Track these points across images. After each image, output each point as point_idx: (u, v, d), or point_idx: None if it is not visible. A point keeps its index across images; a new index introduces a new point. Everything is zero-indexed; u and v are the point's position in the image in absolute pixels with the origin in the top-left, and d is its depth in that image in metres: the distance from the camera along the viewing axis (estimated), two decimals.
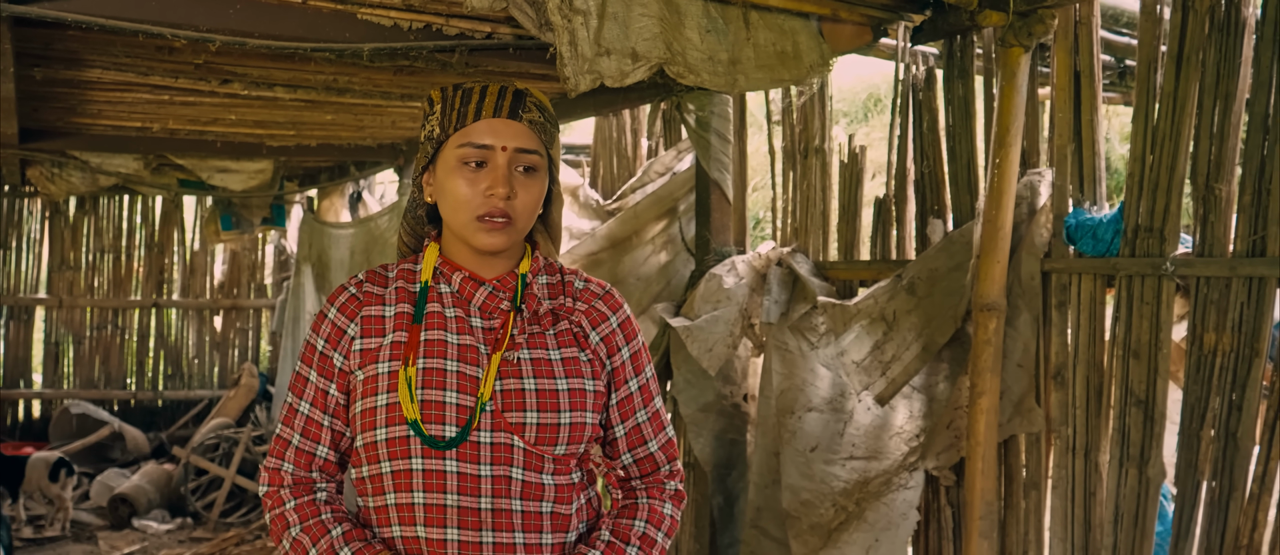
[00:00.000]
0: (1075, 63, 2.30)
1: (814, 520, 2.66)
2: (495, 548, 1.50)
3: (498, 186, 1.49)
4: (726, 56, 2.38)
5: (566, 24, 2.14)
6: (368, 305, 1.59)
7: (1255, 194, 1.98)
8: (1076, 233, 2.26)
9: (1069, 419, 2.31)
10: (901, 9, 2.50)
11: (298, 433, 1.59)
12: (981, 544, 2.34)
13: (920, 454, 2.57)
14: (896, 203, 2.77)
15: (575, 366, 1.56)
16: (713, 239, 3.23)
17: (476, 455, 1.49)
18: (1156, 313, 2.14)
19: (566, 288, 1.65)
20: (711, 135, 3.18)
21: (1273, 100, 1.95)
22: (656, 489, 1.66)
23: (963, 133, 2.56)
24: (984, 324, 2.31)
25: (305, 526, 1.55)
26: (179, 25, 2.44)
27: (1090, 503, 2.27)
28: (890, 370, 2.59)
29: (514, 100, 1.51)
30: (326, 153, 5.28)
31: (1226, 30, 2.03)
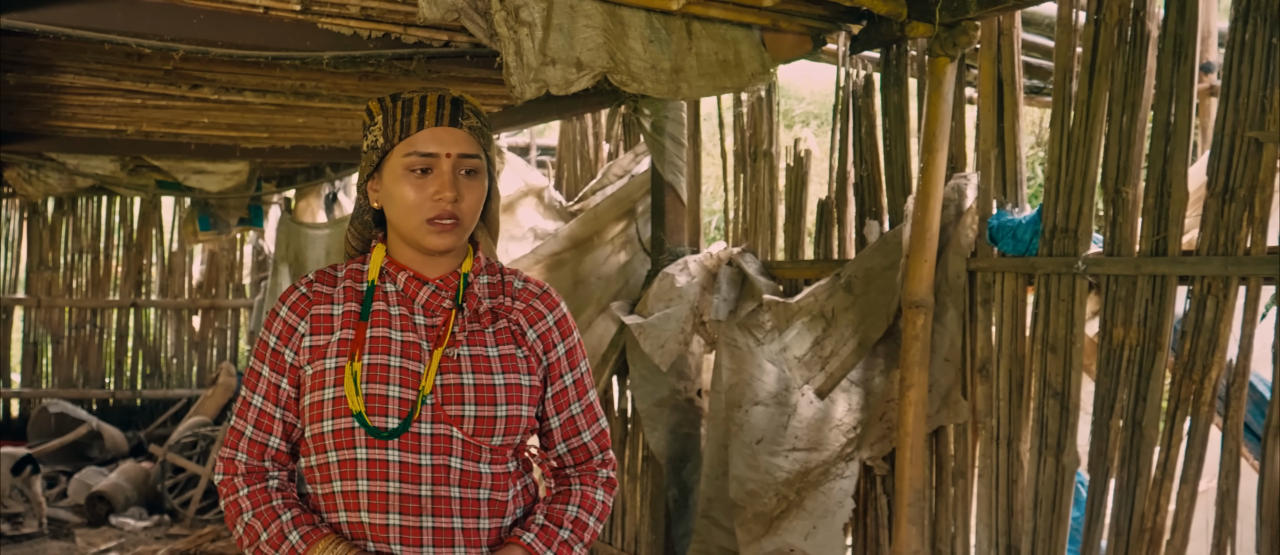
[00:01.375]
0: (998, 71, 2.42)
1: (758, 509, 2.77)
2: (434, 532, 1.61)
3: (444, 191, 1.60)
4: (669, 65, 2.49)
5: (512, 35, 2.25)
6: (317, 304, 1.70)
7: (1158, 197, 2.11)
8: (998, 233, 2.39)
9: (993, 410, 2.43)
10: (839, 20, 2.62)
11: (251, 424, 1.69)
12: (910, 529, 2.46)
13: (856, 445, 2.69)
14: (837, 205, 2.89)
15: (512, 362, 1.67)
16: (667, 239, 3.34)
17: (417, 445, 1.60)
18: (1071, 309, 2.27)
19: (506, 287, 1.76)
20: (666, 139, 3.30)
21: (1172, 109, 2.08)
22: (589, 476, 1.77)
23: (898, 138, 2.68)
24: (913, 320, 2.43)
25: (257, 512, 1.65)
26: (144, 34, 2.54)
27: (1012, 490, 2.39)
28: (829, 365, 2.71)
29: (453, 108, 1.62)
30: (301, 154, 5.37)
31: (1133, 43, 2.15)
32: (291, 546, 1.61)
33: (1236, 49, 1.97)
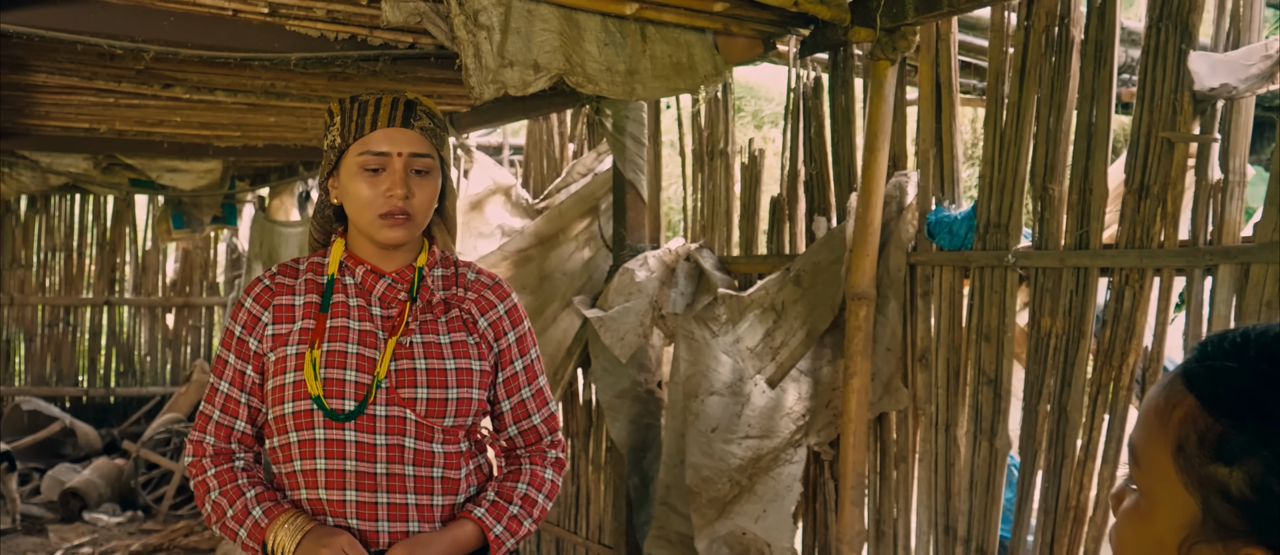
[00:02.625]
0: (937, 74, 2.54)
1: (712, 494, 2.88)
2: (390, 507, 1.72)
3: (396, 188, 1.71)
4: (624, 67, 2.59)
5: (471, 38, 2.35)
6: (279, 295, 1.81)
7: (1081, 194, 2.23)
8: (936, 229, 2.51)
9: (932, 397, 2.55)
10: (788, 25, 2.74)
11: (218, 409, 1.80)
12: (854, 511, 2.57)
13: (805, 432, 2.80)
14: (789, 202, 3.00)
15: (463, 348, 1.78)
16: (629, 236, 3.45)
17: (373, 426, 1.71)
18: (1003, 300, 2.39)
19: (459, 279, 1.87)
20: (627, 138, 3.40)
21: (1093, 111, 2.20)
22: (539, 456, 1.88)
23: (844, 137, 2.80)
24: (856, 312, 2.55)
25: (223, 490, 1.76)
26: (116, 36, 2.62)
27: (950, 473, 2.51)
28: (779, 355, 2.83)
29: (406, 110, 1.73)
30: (274, 153, 5.44)
31: (1059, 48, 2.28)
32: (254, 521, 1.71)
33: (1150, 54, 2.10)
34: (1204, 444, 0.66)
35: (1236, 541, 0.65)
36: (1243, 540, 0.64)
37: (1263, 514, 0.63)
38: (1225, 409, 0.66)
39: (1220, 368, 0.67)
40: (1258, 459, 0.63)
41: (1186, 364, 0.70)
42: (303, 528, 1.67)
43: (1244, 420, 0.65)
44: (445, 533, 1.72)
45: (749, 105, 8.45)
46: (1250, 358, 0.66)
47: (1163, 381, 0.72)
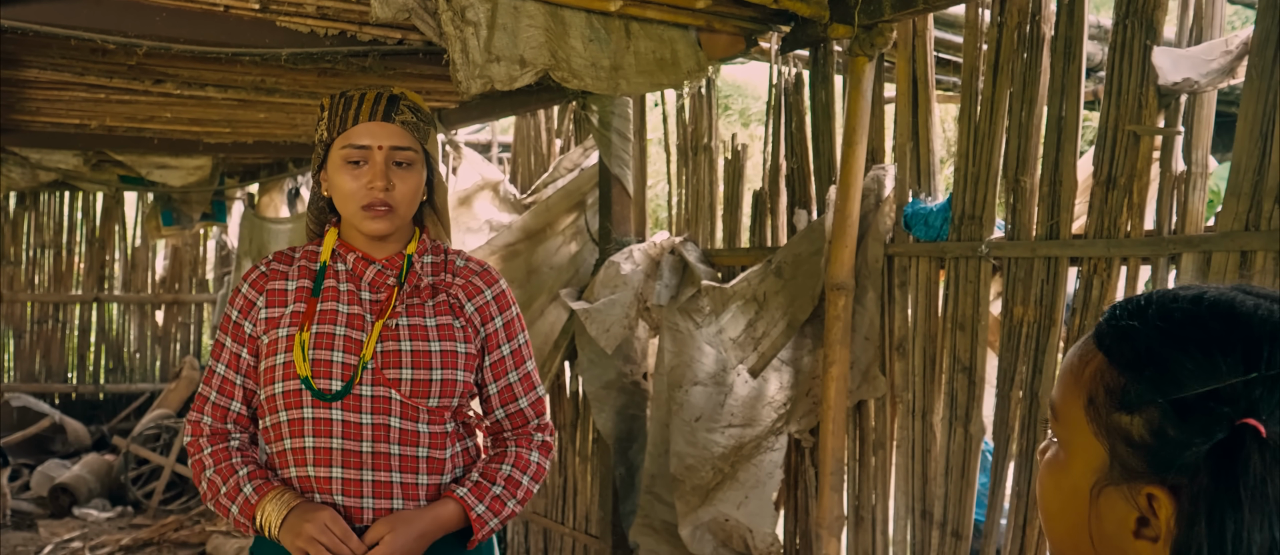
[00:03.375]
0: (913, 70, 2.60)
1: (696, 482, 2.94)
2: (374, 484, 1.78)
3: (376, 180, 1.76)
4: (608, 63, 2.65)
5: (459, 33, 2.40)
6: (273, 280, 1.87)
7: (1051, 186, 2.30)
8: (913, 221, 2.57)
9: (909, 385, 2.62)
10: (769, 21, 2.80)
11: (215, 390, 1.86)
12: (833, 497, 2.64)
13: (786, 420, 2.87)
14: (770, 195, 3.07)
15: (449, 332, 1.84)
16: (614, 230, 3.51)
17: (359, 406, 1.76)
18: (977, 290, 2.46)
19: (448, 266, 1.93)
20: (613, 134, 3.46)
21: (1063, 105, 2.27)
22: (525, 439, 1.94)
23: (824, 132, 2.86)
24: (834, 302, 2.61)
25: (217, 468, 1.82)
26: (108, 31, 2.67)
27: (926, 459, 2.58)
28: (761, 346, 2.89)
29: (388, 105, 1.78)
30: (264, 149, 5.48)
31: (1031, 44, 2.34)
32: (245, 498, 1.77)
33: (1117, 50, 2.17)
34: (1110, 396, 0.73)
35: (1139, 482, 0.71)
36: (1144, 481, 0.70)
37: (1160, 455, 0.69)
38: (1127, 364, 0.72)
39: (1124, 327, 0.74)
40: (1155, 406, 0.69)
41: (1098, 326, 0.77)
42: (289, 504, 1.73)
43: (1142, 373, 0.71)
44: (427, 511, 1.77)
45: (737, 103, 8.52)
46: (1149, 317, 0.73)
47: (1078, 343, 0.78)
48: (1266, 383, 0.66)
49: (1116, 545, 0.73)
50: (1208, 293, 0.72)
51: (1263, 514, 0.63)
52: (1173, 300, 0.73)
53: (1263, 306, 0.70)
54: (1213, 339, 0.69)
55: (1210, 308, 0.71)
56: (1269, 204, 1.92)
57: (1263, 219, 1.93)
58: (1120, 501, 0.72)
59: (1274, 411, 0.66)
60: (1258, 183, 1.93)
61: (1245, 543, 0.63)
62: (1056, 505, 0.79)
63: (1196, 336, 0.69)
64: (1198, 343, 0.69)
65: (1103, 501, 0.73)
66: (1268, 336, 0.68)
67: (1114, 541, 0.74)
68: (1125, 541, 0.73)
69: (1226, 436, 0.66)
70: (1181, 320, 0.71)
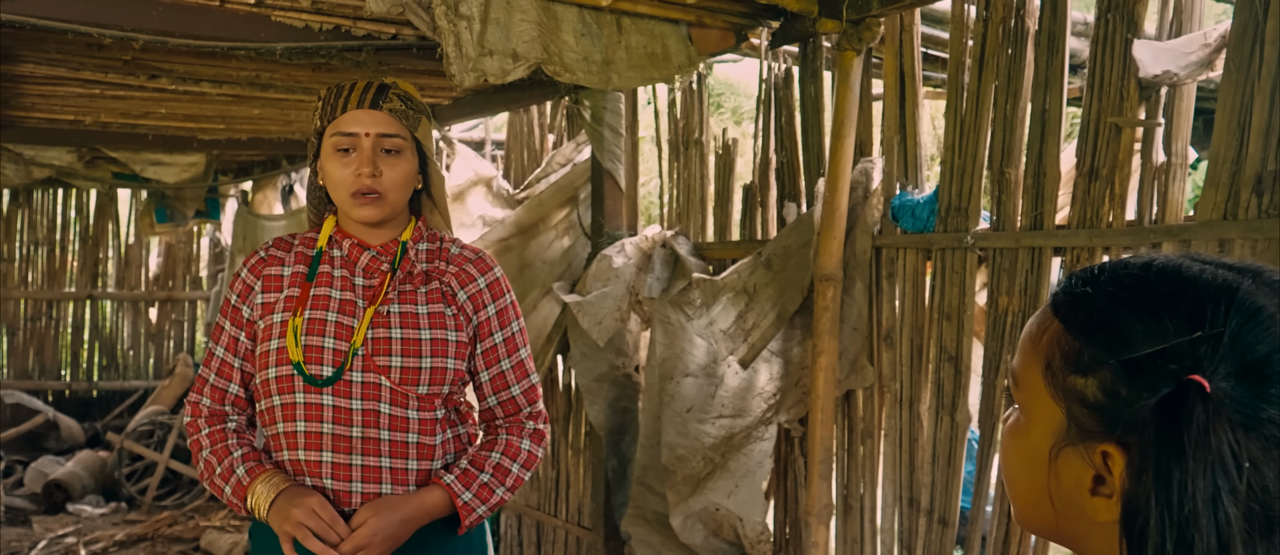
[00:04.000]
0: (901, 65, 2.64)
1: (687, 472, 2.98)
2: (364, 469, 1.80)
3: (364, 167, 1.79)
4: (600, 57, 2.68)
5: (452, 27, 2.43)
6: (270, 266, 1.90)
7: (1035, 177, 2.34)
8: (900, 213, 2.61)
9: (897, 375, 2.66)
10: (759, 17, 2.84)
11: (214, 373, 1.90)
12: (822, 485, 2.67)
13: (775, 410, 2.90)
14: (761, 188, 3.10)
15: (440, 319, 1.86)
16: (606, 224, 3.54)
17: (349, 391, 1.79)
18: (963, 280, 2.49)
19: (443, 253, 1.95)
20: (605, 129, 3.49)
21: (1046, 98, 2.31)
22: (517, 427, 1.96)
23: (813, 126, 2.90)
24: (823, 292, 2.65)
25: (213, 449, 1.86)
26: (105, 25, 2.69)
27: (913, 447, 2.62)
28: (751, 337, 2.93)
29: (376, 93, 1.81)
30: (258, 146, 5.50)
31: (1015, 39, 2.38)
32: (238, 480, 1.80)
33: (1099, 44, 2.21)
34: (1066, 360, 0.76)
35: (1094, 441, 0.74)
36: (1099, 439, 0.74)
37: (1113, 414, 0.73)
38: (1082, 328, 0.76)
39: (1079, 293, 0.77)
40: (1107, 367, 0.73)
41: (1054, 294, 0.80)
42: (278, 487, 1.76)
43: (1095, 336, 0.74)
44: (412, 496, 1.79)
45: (729, 101, 8.56)
46: (1102, 283, 0.76)
47: (1037, 313, 0.82)
48: (1210, 341, 0.70)
49: (1075, 504, 0.77)
50: (1157, 259, 0.76)
51: (1205, 463, 0.67)
52: (1124, 267, 0.76)
53: (1208, 270, 0.73)
54: (1160, 301, 0.72)
55: (1158, 272, 0.74)
56: (1246, 194, 1.96)
57: (1240, 208, 1.97)
58: (1077, 461, 0.76)
59: (1218, 368, 0.69)
60: (1235, 173, 1.97)
61: (1189, 491, 0.67)
62: (1018, 469, 0.82)
63: (1145, 300, 0.73)
64: (1146, 306, 0.72)
65: (1061, 462, 0.77)
66: (1211, 298, 0.71)
67: (1072, 500, 0.77)
68: (1083, 499, 0.76)
69: (1172, 391, 0.69)
70: (1131, 285, 0.75)
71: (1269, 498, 0.70)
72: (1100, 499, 0.75)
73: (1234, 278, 0.73)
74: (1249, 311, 0.70)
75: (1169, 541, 0.67)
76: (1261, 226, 1.93)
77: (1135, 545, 0.69)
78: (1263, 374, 0.70)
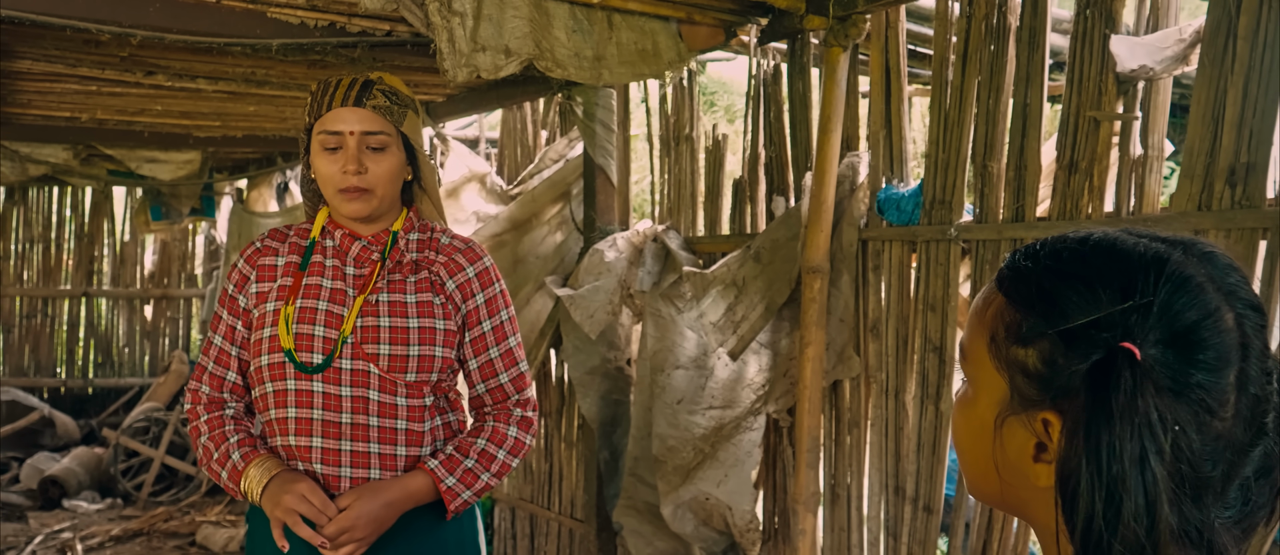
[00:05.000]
0: (887, 61, 2.69)
1: (677, 462, 3.02)
2: (352, 454, 1.85)
3: (349, 164, 1.83)
4: (591, 53, 2.73)
5: (445, 23, 2.48)
6: (265, 256, 1.95)
7: (1016, 171, 2.39)
8: (885, 206, 2.66)
9: (883, 365, 2.70)
10: (747, 14, 2.88)
11: (212, 361, 1.94)
12: (809, 474, 2.72)
13: (764, 401, 2.95)
14: (750, 183, 3.15)
15: (428, 308, 1.90)
16: (598, 219, 3.59)
17: (339, 378, 1.83)
18: (947, 272, 2.54)
19: (433, 243, 1.99)
20: (597, 125, 3.54)
21: (1028, 93, 2.36)
22: (504, 414, 1.99)
23: (801, 121, 2.95)
24: (810, 285, 2.69)
25: (211, 435, 1.90)
26: (103, 21, 2.73)
27: (899, 436, 2.67)
28: (740, 329, 2.97)
29: (361, 90, 1.85)
30: (253, 143, 5.53)
31: (997, 36, 2.43)
32: (233, 464, 1.85)
33: (1079, 40, 2.26)
34: (1008, 331, 0.80)
35: (1035, 410, 0.78)
36: (1039, 407, 0.78)
37: (1051, 382, 0.77)
38: (1023, 301, 0.79)
39: (1020, 268, 0.81)
40: (1046, 338, 0.77)
41: (999, 270, 0.84)
42: (270, 472, 1.80)
43: (1035, 308, 0.78)
44: (396, 480, 1.83)
45: (722, 100, 8.60)
46: (1041, 258, 0.80)
47: (983, 289, 0.86)
48: (1141, 310, 0.73)
49: (1019, 471, 0.81)
50: (1094, 234, 0.80)
51: (1132, 425, 0.70)
52: (1062, 242, 0.80)
53: (1141, 243, 0.77)
54: (1095, 273, 0.76)
55: (1094, 247, 0.78)
56: (1220, 185, 2.01)
57: (1214, 199, 2.02)
58: (1020, 429, 0.79)
59: (1148, 335, 0.73)
60: (1209, 165, 2.02)
61: (1117, 452, 0.70)
62: (967, 439, 0.86)
63: (1081, 272, 0.77)
64: (1082, 278, 0.76)
65: (1005, 431, 0.80)
66: (1142, 269, 0.75)
67: (1017, 467, 0.81)
68: (1026, 466, 0.80)
69: (1102, 358, 0.73)
70: (1068, 259, 0.78)
71: (1199, 460, 0.74)
72: (1042, 465, 0.78)
73: (1165, 250, 0.77)
74: (1178, 281, 0.74)
75: (1098, 500, 0.70)
76: (1234, 217, 1.98)
77: (1069, 506, 0.73)
78: (1191, 341, 0.73)
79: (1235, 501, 0.80)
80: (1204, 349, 0.74)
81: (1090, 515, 0.71)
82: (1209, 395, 0.74)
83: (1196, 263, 0.76)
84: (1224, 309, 0.75)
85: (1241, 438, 0.77)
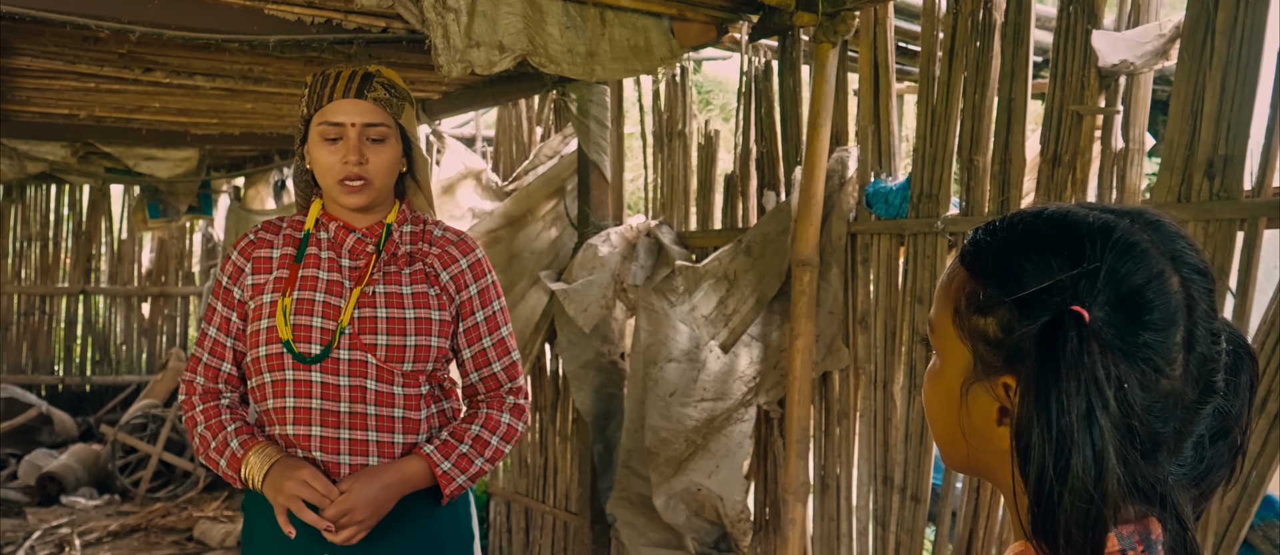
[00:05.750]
0: (875, 57, 2.73)
1: (669, 454, 3.06)
2: (351, 442, 1.88)
3: (350, 155, 1.87)
4: (584, 49, 2.77)
5: (439, 20, 2.51)
6: (259, 248, 1.98)
7: (1001, 164, 2.43)
8: (873, 199, 2.70)
9: (871, 357, 2.74)
10: (739, 10, 2.92)
11: (207, 352, 1.97)
12: (798, 464, 2.76)
13: (755, 392, 2.99)
14: (741, 178, 3.19)
15: (423, 299, 1.94)
16: (593, 214, 3.62)
17: (337, 368, 1.87)
18: (934, 265, 2.58)
19: (426, 235, 2.03)
20: (591, 122, 3.58)
21: (1012, 88, 2.40)
22: (497, 401, 2.03)
23: (792, 117, 2.99)
24: (800, 277, 2.73)
25: (208, 425, 1.93)
26: (102, 17, 2.76)
27: (887, 427, 2.71)
28: (732, 322, 3.01)
29: (361, 82, 1.89)
30: (250, 141, 5.57)
31: (983, 31, 2.47)
32: (232, 451, 1.88)
33: (1062, 35, 2.30)
34: (970, 302, 0.84)
35: (996, 375, 0.82)
36: (999, 373, 0.82)
37: (1009, 348, 0.81)
38: (982, 273, 0.84)
39: (980, 242, 0.86)
40: (1004, 306, 0.81)
41: (962, 246, 0.89)
42: (271, 458, 1.84)
43: (992, 278, 0.83)
44: (394, 464, 1.87)
45: (718, 98, 8.64)
46: (999, 232, 0.85)
47: (948, 264, 0.90)
48: (1089, 276, 0.78)
49: (983, 435, 0.85)
50: (1048, 208, 0.84)
51: (1078, 381, 0.74)
52: (1019, 217, 0.85)
53: (1092, 214, 0.82)
54: (1047, 243, 0.81)
55: (1047, 219, 0.83)
56: (1198, 177, 2.05)
57: (1192, 191, 2.06)
58: (984, 395, 0.84)
59: (1096, 298, 0.77)
60: (1188, 158, 2.06)
61: (1065, 407, 0.74)
62: (936, 408, 0.90)
63: (1035, 243, 0.81)
64: (1035, 248, 0.81)
65: (970, 398, 0.85)
66: (1090, 237, 0.79)
67: (981, 432, 0.85)
68: (990, 430, 0.84)
69: (1051, 320, 0.77)
70: (1023, 231, 0.83)
71: (1148, 417, 0.78)
72: (1005, 428, 0.82)
73: (1113, 219, 0.81)
74: (1124, 247, 0.79)
75: (1049, 454, 0.75)
76: (1213, 208, 2.02)
77: (1023, 461, 0.77)
78: (1137, 303, 0.78)
79: (1190, 460, 0.84)
80: (1150, 310, 0.78)
81: (1042, 468, 0.75)
82: (1156, 354, 0.78)
83: (1142, 230, 0.81)
84: (1169, 272, 0.80)
85: (1191, 396, 0.81)
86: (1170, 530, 0.81)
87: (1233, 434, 0.86)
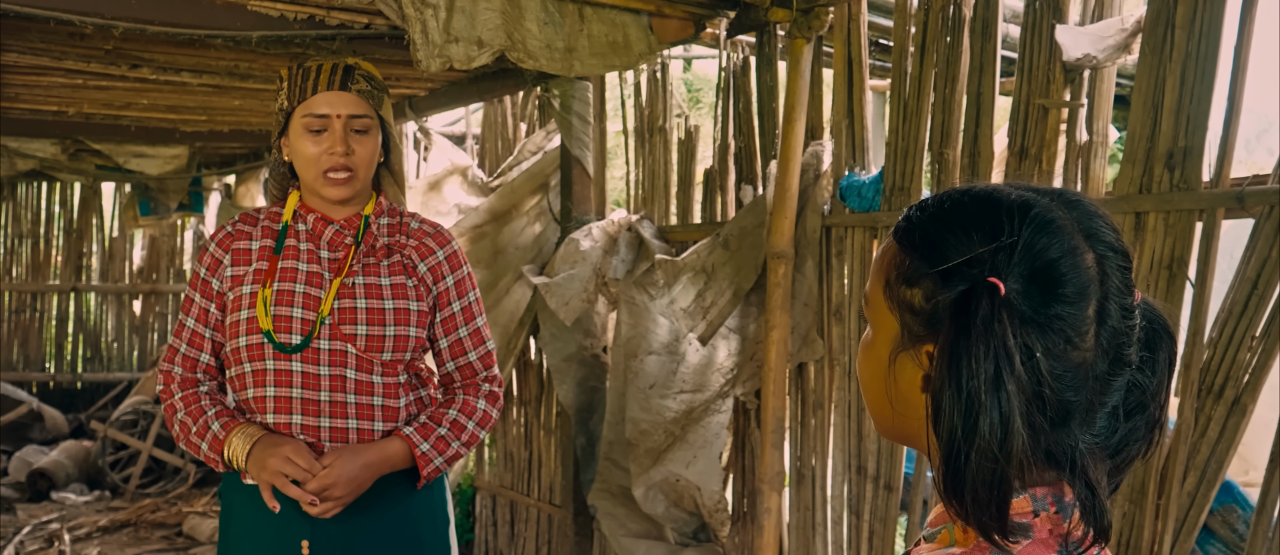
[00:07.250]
0: (849, 52, 2.77)
1: (649, 445, 3.10)
2: (331, 430, 1.92)
3: (336, 146, 1.90)
4: (563, 45, 2.80)
5: (418, 15, 2.55)
6: (238, 240, 2.01)
7: (971, 157, 2.47)
8: (847, 193, 2.74)
9: (846, 348, 2.78)
10: (717, 6, 2.96)
11: (185, 342, 2.00)
12: (774, 453, 2.80)
13: (732, 384, 3.03)
14: (720, 173, 3.23)
15: (402, 290, 1.98)
16: (575, 209, 3.66)
17: (317, 358, 1.91)
18: None
19: (403, 227, 2.07)
20: (573, 118, 3.61)
21: (980, 82, 2.44)
22: (473, 389, 2.08)
23: (768, 112, 3.03)
24: (775, 270, 2.77)
25: (188, 410, 1.96)
26: (86, 13, 2.80)
27: (861, 417, 2.74)
28: (710, 314, 3.05)
29: (344, 74, 1.92)
30: (240, 138, 5.60)
31: (953, 27, 2.51)
32: (213, 435, 1.91)
33: (1028, 30, 2.34)
34: (899, 274, 0.89)
35: (920, 344, 0.86)
36: (923, 342, 0.86)
37: (934, 317, 0.85)
38: (911, 246, 0.88)
39: (911, 217, 0.90)
40: (928, 278, 0.85)
41: (897, 222, 0.93)
42: (253, 437, 1.87)
43: (919, 251, 0.87)
44: (374, 445, 1.91)
45: (707, 96, 8.68)
46: (929, 208, 0.89)
47: (883, 241, 0.94)
48: (1006, 249, 0.82)
49: (910, 402, 0.89)
50: (975, 187, 0.89)
51: (988, 347, 0.78)
52: (948, 194, 0.89)
53: (1015, 192, 0.86)
54: (970, 218, 0.85)
55: (973, 196, 0.87)
56: (1159, 169, 2.09)
57: (1154, 183, 2.10)
58: (910, 363, 0.88)
59: (1012, 271, 0.81)
60: (1149, 150, 2.11)
61: (974, 371, 0.78)
62: (868, 377, 0.94)
63: (959, 218, 0.86)
64: (959, 223, 0.85)
65: (897, 366, 0.89)
66: (1010, 213, 0.83)
67: (907, 399, 0.89)
68: (915, 396, 0.88)
69: (965, 289, 0.81)
70: (950, 207, 0.88)
71: (1061, 386, 0.82)
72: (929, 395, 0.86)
73: (1033, 197, 0.85)
74: (1041, 223, 0.83)
75: (958, 416, 0.79)
76: (1173, 199, 2.06)
77: (935, 421, 0.81)
78: (1050, 276, 0.82)
79: (1104, 430, 0.88)
80: (1063, 283, 0.82)
81: (951, 429, 0.79)
82: (1067, 325, 0.82)
83: (1061, 208, 0.85)
84: (1083, 248, 0.84)
85: (1102, 367, 0.85)
86: (1079, 495, 0.85)
87: (1150, 409, 0.90)
